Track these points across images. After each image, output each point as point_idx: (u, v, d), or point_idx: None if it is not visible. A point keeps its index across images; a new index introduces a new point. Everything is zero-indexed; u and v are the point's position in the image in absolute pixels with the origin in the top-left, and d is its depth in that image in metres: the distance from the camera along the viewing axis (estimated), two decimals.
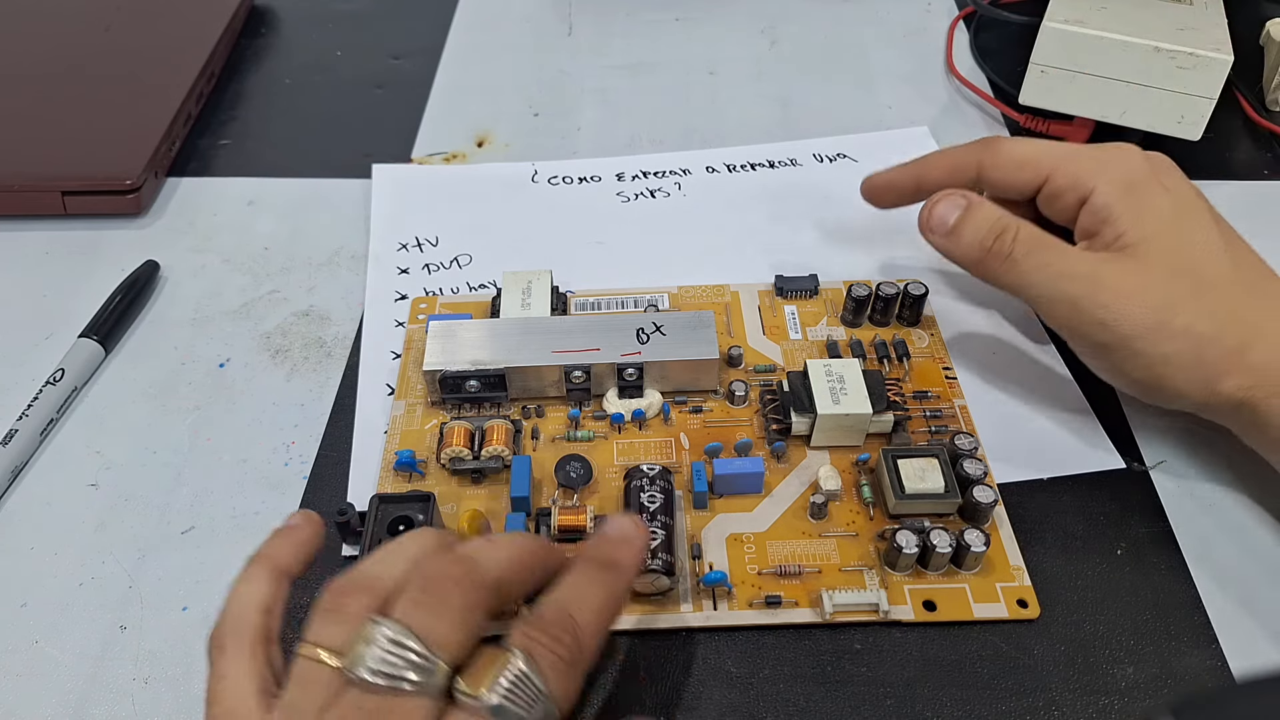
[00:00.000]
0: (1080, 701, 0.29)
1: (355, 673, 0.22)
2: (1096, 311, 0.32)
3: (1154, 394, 0.33)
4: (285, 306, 0.42)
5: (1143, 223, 0.33)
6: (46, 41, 0.53)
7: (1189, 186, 0.34)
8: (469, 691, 0.23)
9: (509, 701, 0.22)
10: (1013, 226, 0.34)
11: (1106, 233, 0.33)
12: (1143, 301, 0.32)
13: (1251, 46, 0.52)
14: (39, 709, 0.30)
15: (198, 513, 0.35)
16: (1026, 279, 0.33)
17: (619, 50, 0.57)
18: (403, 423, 0.36)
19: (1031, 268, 0.33)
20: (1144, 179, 0.34)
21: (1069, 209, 0.35)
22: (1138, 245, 0.33)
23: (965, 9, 0.58)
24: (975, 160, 0.37)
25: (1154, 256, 0.32)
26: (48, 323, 0.41)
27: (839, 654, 0.31)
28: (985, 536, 0.31)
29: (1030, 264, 0.33)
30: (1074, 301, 0.32)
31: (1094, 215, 0.34)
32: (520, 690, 0.23)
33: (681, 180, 0.48)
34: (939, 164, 0.38)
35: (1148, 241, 0.32)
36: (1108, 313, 0.32)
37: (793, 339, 0.39)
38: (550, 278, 0.40)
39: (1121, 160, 0.35)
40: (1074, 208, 0.35)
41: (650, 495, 0.32)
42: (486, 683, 0.23)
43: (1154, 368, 0.32)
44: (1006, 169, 0.36)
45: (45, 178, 0.45)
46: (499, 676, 0.23)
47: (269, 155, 0.50)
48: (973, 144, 0.37)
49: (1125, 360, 0.32)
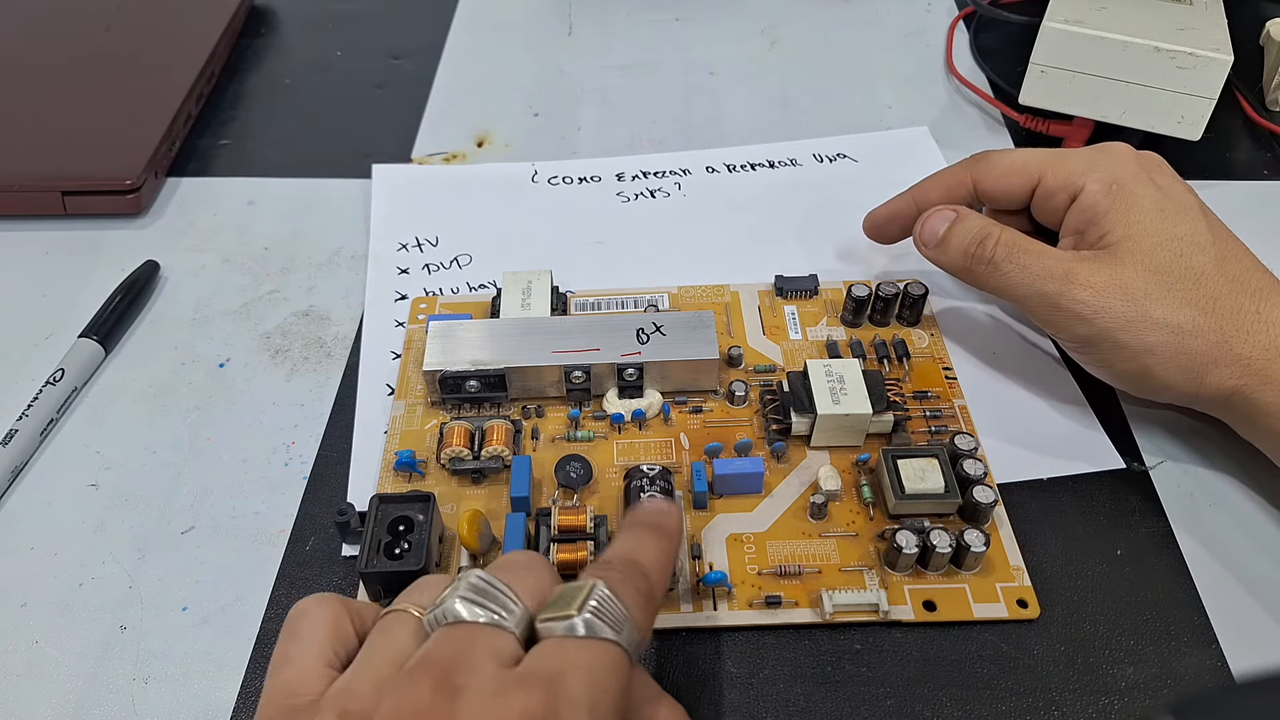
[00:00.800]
0: (1080, 701, 0.29)
1: (439, 611, 0.23)
2: (1075, 307, 0.33)
3: (1143, 387, 0.34)
4: (285, 306, 0.42)
5: (1128, 220, 0.34)
6: (46, 41, 0.53)
7: (1180, 184, 0.35)
8: (557, 614, 0.23)
9: (598, 618, 0.22)
10: (995, 233, 0.35)
11: (1092, 232, 0.34)
12: (1121, 294, 0.32)
13: (1251, 46, 0.52)
14: (39, 709, 0.30)
15: (198, 513, 0.35)
16: (1007, 280, 0.34)
17: (619, 50, 0.57)
18: (403, 423, 0.36)
19: (1011, 269, 0.34)
20: (1133, 176, 0.35)
21: (1060, 209, 0.36)
22: (1121, 242, 0.33)
23: (965, 9, 0.58)
24: (968, 175, 0.38)
25: (1136, 252, 0.33)
26: (48, 323, 0.41)
27: (839, 654, 0.31)
28: (985, 536, 0.31)
29: (1009, 266, 0.34)
30: (1053, 299, 0.33)
31: (1082, 213, 0.35)
32: (607, 610, 0.23)
33: (681, 180, 0.48)
34: (935, 185, 0.39)
35: (1132, 239, 0.33)
36: (1086, 307, 0.33)
37: (793, 339, 0.39)
38: (550, 278, 0.40)
39: (1111, 159, 0.35)
40: (1065, 207, 0.36)
41: (650, 495, 0.32)
42: (575, 606, 0.23)
43: (1138, 359, 0.32)
44: (998, 177, 0.37)
45: (45, 178, 0.45)
46: (586, 599, 0.23)
47: (269, 155, 0.50)
48: (964, 161, 0.39)
49: (1109, 353, 0.33)
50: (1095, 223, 0.34)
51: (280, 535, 0.34)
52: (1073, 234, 0.35)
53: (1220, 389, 0.32)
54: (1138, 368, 0.33)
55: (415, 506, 0.32)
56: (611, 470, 0.35)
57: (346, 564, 0.33)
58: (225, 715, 0.29)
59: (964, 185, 0.38)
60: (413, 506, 0.32)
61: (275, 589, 0.32)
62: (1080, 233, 0.35)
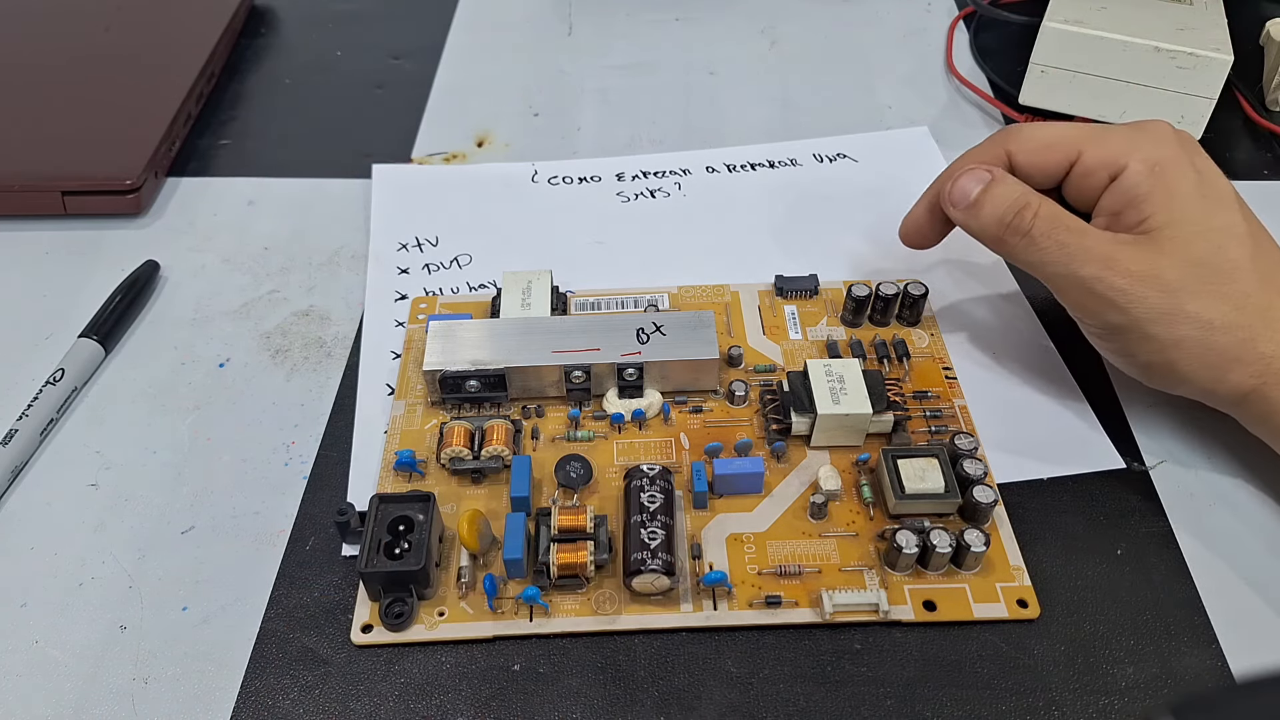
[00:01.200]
0: (1080, 701, 0.29)
1: None
2: (1111, 294, 0.32)
3: (1161, 379, 0.33)
4: (285, 306, 0.42)
5: (1170, 206, 0.33)
6: (46, 41, 0.53)
7: (1216, 169, 0.34)
8: None
9: None
10: (1034, 203, 0.33)
11: (1131, 214, 0.33)
12: (1158, 285, 0.31)
13: (1251, 46, 0.52)
14: (39, 709, 0.30)
15: (198, 513, 0.35)
16: (1043, 257, 0.33)
17: (619, 50, 0.57)
18: (403, 423, 0.36)
19: (1049, 246, 0.33)
20: (1174, 159, 0.33)
21: (1099, 188, 0.35)
22: (1162, 229, 0.32)
23: (965, 9, 0.58)
24: (1001, 151, 0.36)
25: (1176, 241, 0.32)
26: (48, 323, 0.41)
27: (839, 654, 0.31)
28: (985, 536, 0.31)
29: (1048, 243, 0.33)
30: (1089, 283, 0.32)
31: (1122, 195, 0.34)
32: None
33: (681, 180, 0.48)
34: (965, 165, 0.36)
35: (1172, 225, 0.32)
36: (1122, 295, 0.32)
37: (793, 339, 0.39)
38: (550, 278, 0.40)
39: (1153, 139, 0.34)
40: (1103, 186, 0.34)
41: (650, 495, 0.32)
42: None
43: (1165, 351, 0.32)
44: (1035, 151, 0.35)
45: (45, 178, 0.45)
46: None
47: (269, 155, 0.50)
48: (994, 136, 0.37)
49: (1136, 343, 0.32)
50: (1135, 205, 0.33)
51: (280, 535, 0.34)
52: (1108, 214, 0.34)
53: (1238, 387, 0.32)
54: (1163, 360, 0.32)
55: (415, 506, 0.32)
56: (611, 470, 0.35)
57: (346, 564, 0.33)
58: (225, 715, 0.29)
59: (999, 161, 0.36)
60: (413, 506, 0.32)
61: (275, 589, 0.32)
62: (1117, 214, 0.34)
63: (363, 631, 0.31)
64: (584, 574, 0.31)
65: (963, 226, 0.36)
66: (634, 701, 0.30)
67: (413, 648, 0.31)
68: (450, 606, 0.31)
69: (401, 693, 0.30)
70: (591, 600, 0.31)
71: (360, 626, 0.31)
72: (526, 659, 0.31)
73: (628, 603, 0.31)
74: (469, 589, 0.31)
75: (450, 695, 0.30)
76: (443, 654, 0.31)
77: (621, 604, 0.31)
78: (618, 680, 0.30)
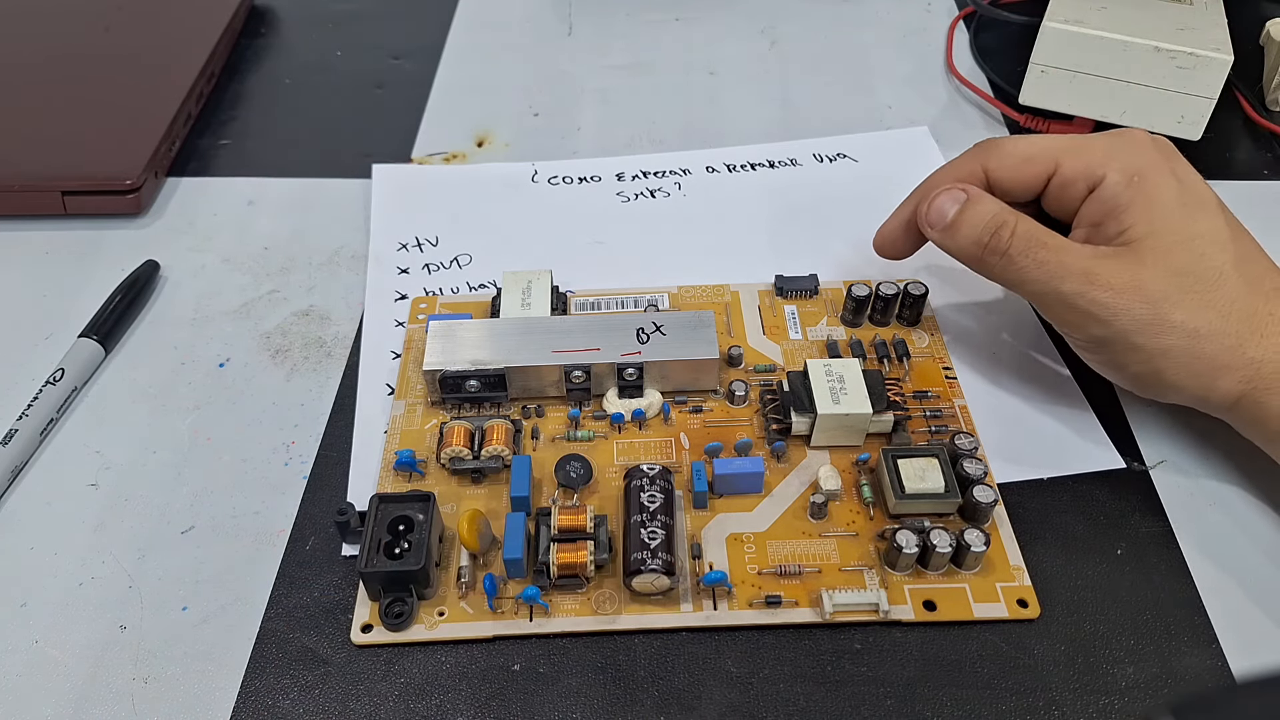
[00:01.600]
0: (1080, 701, 0.29)
1: None
2: (1093, 308, 0.32)
3: (1151, 388, 0.33)
4: (285, 306, 0.42)
5: (1150, 215, 0.32)
6: (46, 41, 0.53)
7: (1196, 175, 0.34)
8: None
9: None
10: (1010, 222, 0.33)
11: (1111, 225, 0.33)
12: (1141, 296, 0.31)
13: (1251, 46, 0.52)
14: (39, 709, 0.30)
15: (198, 513, 0.35)
16: (1023, 276, 0.33)
17: (619, 50, 0.57)
18: (403, 422, 0.36)
19: (1028, 265, 0.33)
20: (1154, 167, 0.33)
21: (1077, 199, 0.35)
22: (1143, 239, 0.32)
23: (965, 9, 0.58)
24: (979, 165, 0.36)
25: (1157, 251, 0.32)
26: (48, 323, 0.41)
27: (839, 654, 0.31)
28: (985, 536, 0.31)
29: (1026, 261, 0.33)
30: (1070, 298, 0.32)
31: (1101, 205, 0.34)
32: None
33: (681, 180, 0.48)
34: (942, 181, 0.36)
35: (1153, 235, 0.32)
36: (1104, 309, 0.32)
37: (793, 339, 0.39)
38: (550, 278, 0.40)
39: (1131, 147, 0.34)
40: (1082, 197, 0.34)
41: (650, 495, 0.32)
42: None
43: (1152, 361, 0.32)
44: (1013, 166, 0.35)
45: (45, 178, 0.45)
46: None
47: (269, 155, 0.50)
48: (971, 151, 0.37)
49: (1123, 354, 0.32)
50: (1115, 216, 0.33)
51: (280, 535, 0.34)
52: (1088, 226, 0.34)
53: (1229, 393, 0.31)
54: (1150, 370, 0.32)
55: (415, 506, 0.32)
56: (611, 470, 0.35)
57: (346, 563, 0.33)
58: (225, 715, 0.29)
59: (975, 177, 0.36)
60: (413, 506, 0.32)
61: (275, 589, 0.32)
62: (1097, 225, 0.34)
63: (362, 631, 0.31)
64: (584, 574, 0.31)
65: (940, 246, 0.36)
66: (634, 701, 0.30)
67: (413, 648, 0.31)
68: (450, 606, 0.31)
69: (401, 693, 0.30)
70: (591, 600, 0.31)
71: (360, 626, 0.31)
72: (526, 659, 0.31)
73: (628, 602, 0.31)
74: (469, 589, 0.31)
75: (450, 695, 0.30)
76: (443, 654, 0.31)
77: (621, 604, 0.31)
78: (618, 680, 0.30)
